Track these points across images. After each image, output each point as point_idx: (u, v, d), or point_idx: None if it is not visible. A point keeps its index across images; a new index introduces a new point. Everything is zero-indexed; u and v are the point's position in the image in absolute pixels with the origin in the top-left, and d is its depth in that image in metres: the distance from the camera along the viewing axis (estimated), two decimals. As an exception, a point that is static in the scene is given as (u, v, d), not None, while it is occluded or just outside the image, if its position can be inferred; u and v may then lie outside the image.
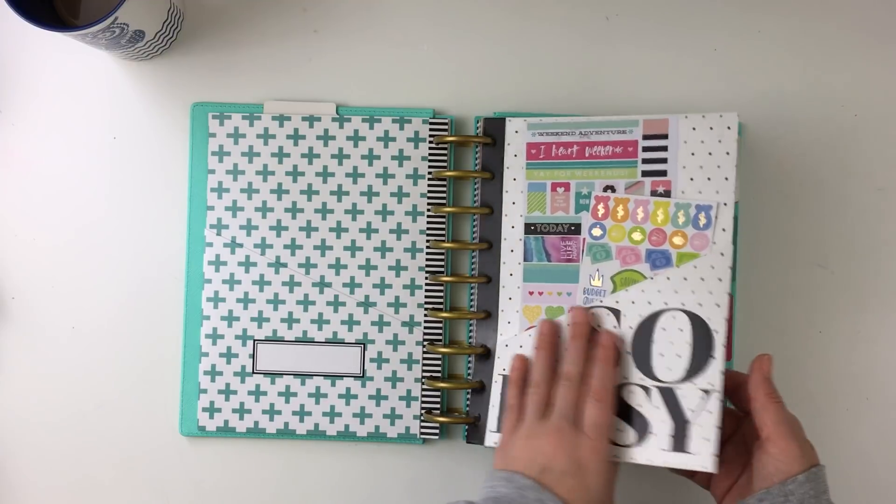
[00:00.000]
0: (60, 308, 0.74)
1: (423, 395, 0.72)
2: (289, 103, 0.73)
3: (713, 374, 0.63)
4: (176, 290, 0.73)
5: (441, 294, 0.72)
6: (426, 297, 0.72)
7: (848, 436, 0.73)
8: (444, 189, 0.72)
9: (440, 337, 0.72)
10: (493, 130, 0.71)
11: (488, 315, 0.71)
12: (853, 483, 0.73)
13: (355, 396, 0.72)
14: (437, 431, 0.72)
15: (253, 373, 0.72)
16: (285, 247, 0.72)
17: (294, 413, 0.72)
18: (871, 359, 0.73)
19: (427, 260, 0.72)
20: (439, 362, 0.72)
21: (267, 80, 0.74)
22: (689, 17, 0.74)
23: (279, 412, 0.72)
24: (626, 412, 0.65)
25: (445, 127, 0.72)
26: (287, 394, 0.72)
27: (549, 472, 0.60)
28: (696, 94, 0.74)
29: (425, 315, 0.72)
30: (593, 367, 0.64)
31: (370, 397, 0.72)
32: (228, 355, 0.72)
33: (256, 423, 0.72)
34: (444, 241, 0.72)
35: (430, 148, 0.72)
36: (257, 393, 0.72)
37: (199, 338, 0.72)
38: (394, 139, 0.72)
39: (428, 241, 0.72)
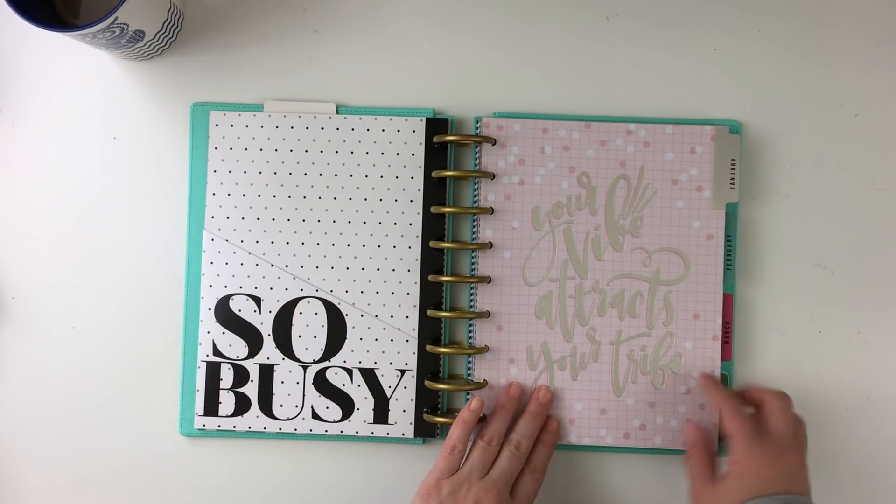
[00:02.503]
0: (60, 308, 0.74)
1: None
2: (289, 103, 0.73)
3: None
4: (176, 290, 0.73)
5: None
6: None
7: (848, 435, 0.73)
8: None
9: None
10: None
11: (488, 315, 0.71)
12: (853, 483, 0.73)
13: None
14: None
15: (253, 373, 0.72)
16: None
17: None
18: (871, 359, 0.73)
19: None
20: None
21: (267, 80, 0.74)
22: (689, 17, 0.74)
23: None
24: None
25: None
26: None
27: None
28: (696, 94, 0.74)
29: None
30: (537, 446, 0.70)
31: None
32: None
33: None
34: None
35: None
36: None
37: (199, 337, 0.72)
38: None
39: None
